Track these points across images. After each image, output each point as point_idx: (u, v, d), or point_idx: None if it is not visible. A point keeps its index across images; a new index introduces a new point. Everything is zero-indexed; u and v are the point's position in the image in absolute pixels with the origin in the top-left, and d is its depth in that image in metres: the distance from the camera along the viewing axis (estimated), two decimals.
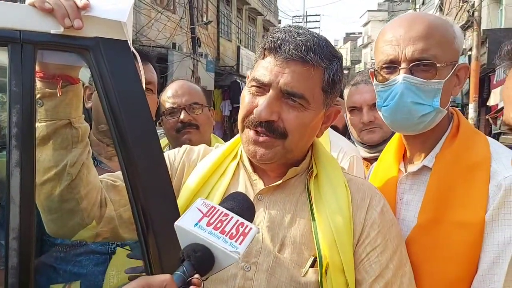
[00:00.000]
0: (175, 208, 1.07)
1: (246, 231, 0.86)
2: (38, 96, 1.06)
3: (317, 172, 1.19)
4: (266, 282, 1.08)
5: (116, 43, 1.04)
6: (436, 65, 1.20)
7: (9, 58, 0.94)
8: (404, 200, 1.33)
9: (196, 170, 1.24)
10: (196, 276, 0.79)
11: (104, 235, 1.19)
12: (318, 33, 1.16)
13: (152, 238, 1.01)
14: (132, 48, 1.07)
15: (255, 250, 1.10)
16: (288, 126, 1.10)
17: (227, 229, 0.85)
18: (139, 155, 1.03)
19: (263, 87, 1.11)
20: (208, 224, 0.84)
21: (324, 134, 1.35)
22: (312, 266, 1.09)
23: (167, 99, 2.08)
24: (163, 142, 2.11)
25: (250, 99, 1.13)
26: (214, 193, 1.18)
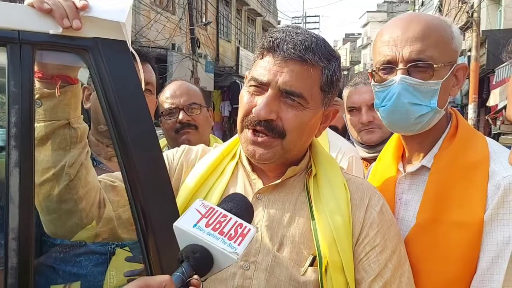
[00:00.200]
0: (175, 208, 1.07)
1: (245, 232, 0.86)
2: (37, 96, 1.05)
3: (316, 171, 1.19)
4: (265, 281, 1.08)
5: (115, 44, 1.04)
6: (433, 65, 1.20)
7: (8, 59, 0.94)
8: (403, 200, 1.33)
9: (194, 170, 1.24)
10: (195, 277, 0.80)
11: (103, 235, 1.19)
12: (316, 33, 1.16)
13: (151, 238, 1.01)
14: (131, 49, 1.07)
15: (254, 249, 1.10)
16: (287, 125, 1.10)
17: (226, 230, 0.84)
18: (138, 155, 1.03)
19: (261, 86, 1.11)
20: (207, 225, 0.84)
21: (323, 135, 1.35)
22: (311, 265, 1.09)
23: (165, 99, 2.08)
24: (162, 142, 2.11)
25: (248, 98, 1.13)
26: (213, 192, 1.19)
